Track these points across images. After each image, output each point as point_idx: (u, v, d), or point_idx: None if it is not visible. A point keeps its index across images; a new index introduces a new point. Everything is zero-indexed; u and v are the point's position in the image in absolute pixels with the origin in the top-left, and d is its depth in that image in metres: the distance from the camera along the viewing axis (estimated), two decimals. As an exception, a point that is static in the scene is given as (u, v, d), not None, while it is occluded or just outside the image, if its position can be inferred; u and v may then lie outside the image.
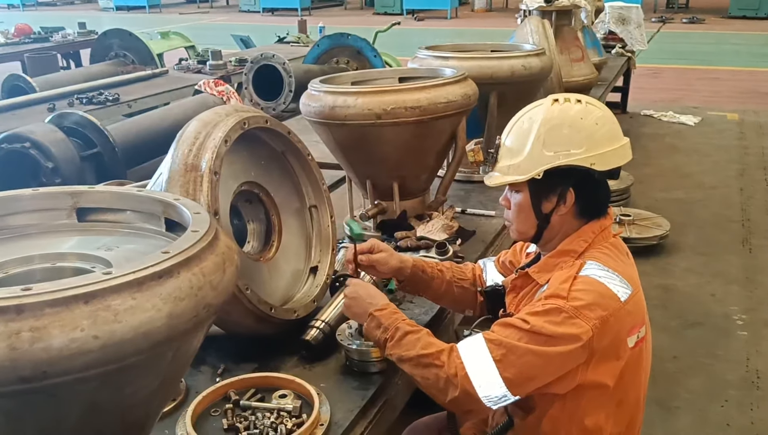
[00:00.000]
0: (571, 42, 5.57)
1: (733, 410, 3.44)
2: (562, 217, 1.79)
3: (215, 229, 1.30)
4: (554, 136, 1.75)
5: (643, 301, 1.78)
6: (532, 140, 1.77)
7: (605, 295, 1.64)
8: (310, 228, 2.42)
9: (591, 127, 1.75)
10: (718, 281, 4.74)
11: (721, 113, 9.19)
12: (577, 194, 1.76)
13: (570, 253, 1.77)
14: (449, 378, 1.66)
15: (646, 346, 1.80)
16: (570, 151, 1.73)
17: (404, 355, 1.74)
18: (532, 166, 1.76)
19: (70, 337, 1.00)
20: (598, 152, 1.73)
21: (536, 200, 1.81)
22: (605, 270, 1.69)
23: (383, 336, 1.79)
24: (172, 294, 1.11)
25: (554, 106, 1.80)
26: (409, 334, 1.76)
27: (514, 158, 1.81)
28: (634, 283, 1.73)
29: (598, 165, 1.72)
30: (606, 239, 1.79)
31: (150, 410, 1.30)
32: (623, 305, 1.64)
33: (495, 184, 1.86)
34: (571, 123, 1.76)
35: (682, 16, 19.69)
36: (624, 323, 1.66)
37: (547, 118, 1.78)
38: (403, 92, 2.68)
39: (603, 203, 1.83)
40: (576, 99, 1.81)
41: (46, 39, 8.59)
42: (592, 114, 1.78)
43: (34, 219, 1.47)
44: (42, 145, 3.51)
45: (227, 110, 2.03)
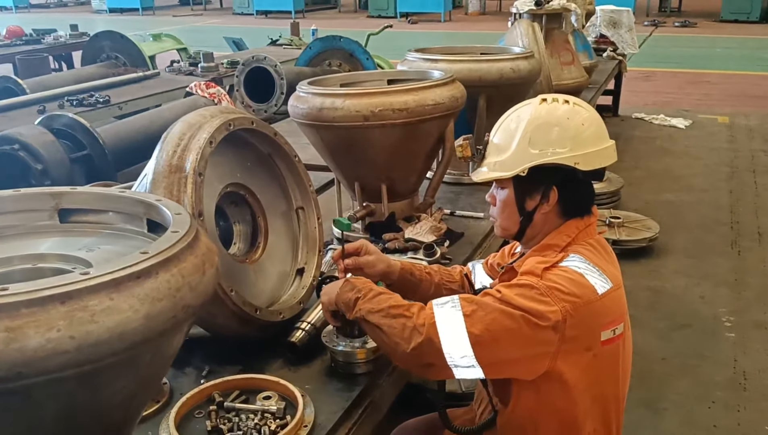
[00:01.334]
0: (562, 45, 5.59)
1: (720, 411, 3.46)
2: (545, 214, 1.81)
3: (196, 230, 1.30)
4: (540, 135, 1.78)
5: (623, 299, 1.77)
6: (518, 138, 1.79)
7: (581, 284, 1.65)
8: (296, 230, 2.42)
9: (577, 127, 1.77)
10: (707, 283, 4.76)
11: (711, 116, 9.23)
12: (561, 193, 1.78)
13: (553, 247, 1.79)
14: (416, 327, 1.66)
15: (625, 344, 1.79)
16: (555, 149, 1.75)
17: (374, 308, 1.74)
18: (517, 163, 1.79)
19: (46, 338, 1.00)
20: (583, 152, 1.75)
21: (520, 197, 1.83)
22: (586, 263, 1.70)
23: (355, 296, 1.79)
24: (150, 295, 1.11)
25: (542, 105, 1.82)
26: (383, 294, 1.78)
27: (501, 155, 1.83)
28: (615, 280, 1.73)
29: (582, 165, 1.74)
30: (590, 236, 1.80)
31: (129, 412, 1.30)
32: (599, 298, 1.65)
33: (480, 179, 1.89)
34: (557, 122, 1.78)
35: (675, 19, 19.77)
36: (598, 316, 1.66)
37: (534, 117, 1.80)
38: (391, 94, 2.68)
39: (586, 202, 1.84)
40: (564, 99, 1.83)
41: (38, 41, 8.57)
42: (579, 115, 1.80)
43: (15, 220, 1.47)
44: (31, 147, 3.50)
45: (212, 111, 2.03)
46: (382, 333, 1.73)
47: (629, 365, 1.88)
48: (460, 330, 1.62)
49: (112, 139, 3.96)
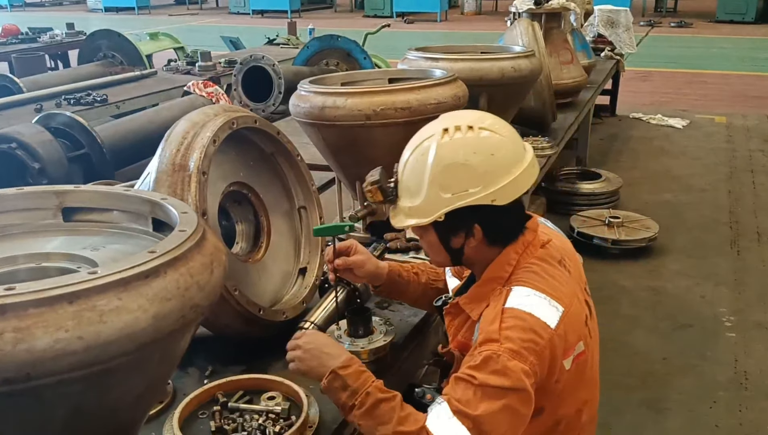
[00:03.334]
0: (561, 45, 5.57)
1: (722, 411, 3.45)
2: (475, 248, 1.74)
3: (203, 229, 1.29)
4: (449, 177, 1.65)
5: (577, 315, 1.68)
6: (427, 182, 1.67)
7: (536, 327, 1.57)
8: (299, 229, 2.41)
9: (486, 161, 1.64)
10: (707, 283, 4.76)
11: (709, 116, 9.23)
12: (485, 228, 1.70)
13: (496, 280, 1.71)
14: None
15: (589, 356, 1.71)
16: (468, 190, 1.64)
17: (380, 431, 1.58)
18: (432, 210, 1.68)
19: (54, 338, 0.99)
20: (498, 187, 1.63)
21: (444, 239, 1.75)
22: (533, 295, 1.62)
23: (349, 401, 1.62)
24: (159, 294, 1.10)
25: (444, 139, 1.67)
26: (383, 403, 1.60)
27: (414, 199, 1.71)
28: (566, 298, 1.65)
29: (500, 199, 1.64)
30: (532, 255, 1.72)
31: (136, 413, 1.29)
32: (555, 332, 1.58)
33: (400, 226, 1.78)
34: (464, 160, 1.64)
35: (670, 20, 19.79)
36: (558, 349, 1.59)
37: (440, 157, 1.66)
38: (393, 93, 2.66)
39: (515, 226, 1.75)
40: (467, 125, 1.67)
41: (34, 39, 8.52)
42: (486, 144, 1.65)
43: (18, 218, 1.45)
44: (29, 146, 3.48)
45: (216, 110, 2.02)
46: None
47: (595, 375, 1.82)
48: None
49: (110, 138, 3.94)
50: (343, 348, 1.79)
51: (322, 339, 1.80)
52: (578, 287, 1.75)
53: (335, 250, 2.02)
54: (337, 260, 2.02)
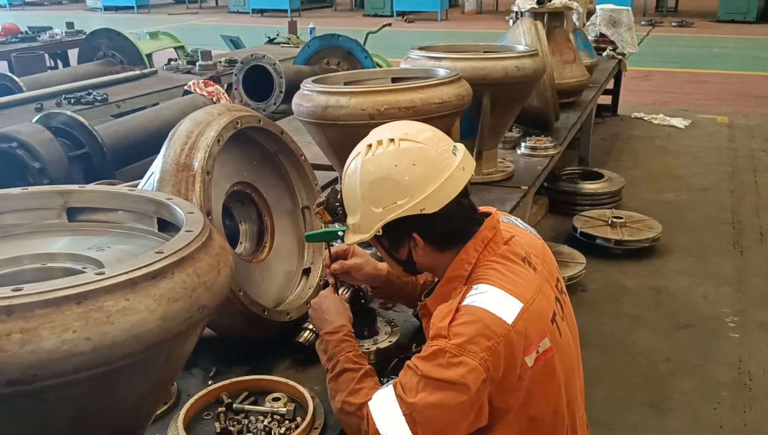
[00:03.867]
0: (563, 44, 5.56)
1: (726, 412, 3.44)
2: (423, 255, 1.74)
3: (209, 230, 1.28)
4: (376, 193, 1.67)
5: (540, 312, 1.65)
6: (359, 200, 1.70)
7: (489, 322, 1.55)
8: (302, 229, 2.39)
9: (409, 172, 1.64)
10: (710, 283, 4.75)
11: (710, 116, 9.22)
12: (424, 236, 1.71)
13: (457, 278, 1.71)
14: (367, 432, 1.61)
15: (559, 355, 1.67)
16: (396, 202, 1.65)
17: (336, 396, 1.70)
18: (369, 226, 1.70)
19: (61, 339, 0.98)
20: (424, 195, 1.64)
21: (389, 251, 1.78)
22: (490, 290, 1.61)
23: (326, 365, 1.78)
24: (166, 295, 1.09)
25: (368, 155, 1.69)
26: (346, 373, 1.71)
27: (354, 217, 1.75)
28: (527, 294, 1.63)
29: (429, 208, 1.64)
30: (494, 252, 1.71)
31: (141, 415, 1.27)
32: (512, 327, 1.56)
33: (348, 243, 1.82)
34: (387, 174, 1.65)
35: (671, 19, 19.78)
36: (516, 345, 1.57)
37: (365, 174, 1.69)
38: (397, 92, 2.65)
39: (460, 230, 1.73)
40: (388, 138, 1.69)
41: (34, 38, 8.50)
42: (407, 155, 1.66)
43: (23, 218, 1.44)
44: (29, 146, 3.46)
45: (220, 109, 2.00)
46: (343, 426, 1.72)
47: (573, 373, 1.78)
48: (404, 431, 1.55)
49: (111, 138, 3.93)
50: (342, 315, 1.89)
51: (328, 302, 1.92)
52: (546, 284, 1.73)
53: (331, 254, 2.03)
54: (333, 265, 2.03)
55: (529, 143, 4.27)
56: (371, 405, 1.62)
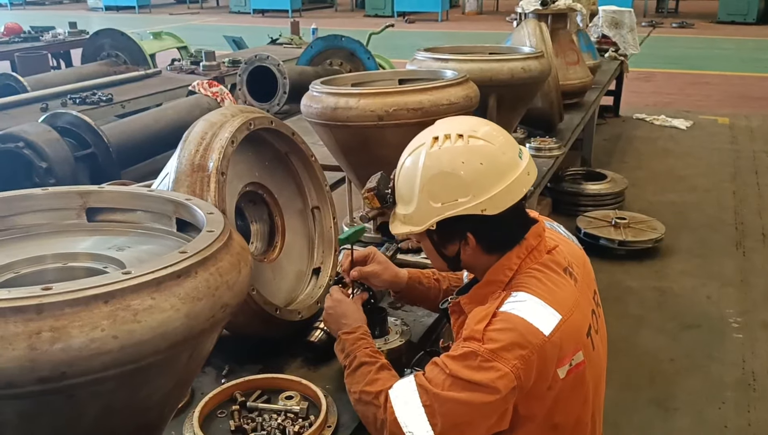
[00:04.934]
0: (567, 45, 5.58)
1: (731, 412, 3.46)
2: (471, 255, 1.72)
3: (230, 230, 1.29)
4: (438, 187, 1.64)
5: (578, 324, 1.64)
6: (417, 192, 1.67)
7: (525, 332, 1.55)
8: (312, 229, 2.41)
9: (475, 170, 1.62)
10: (714, 283, 4.77)
11: (712, 117, 9.25)
12: (477, 236, 1.69)
13: (496, 283, 1.69)
14: (384, 421, 1.61)
15: (590, 368, 1.67)
16: (457, 200, 1.63)
17: (353, 388, 1.71)
18: (423, 219, 1.68)
19: (90, 337, 1.00)
20: (487, 196, 1.61)
21: (438, 247, 1.76)
22: (532, 299, 1.60)
23: (344, 362, 1.79)
24: (190, 294, 1.10)
25: (434, 148, 1.66)
26: (363, 366, 1.73)
27: (407, 207, 1.72)
28: (566, 306, 1.62)
29: (490, 209, 1.62)
30: (536, 260, 1.69)
31: (164, 411, 1.29)
32: (548, 339, 1.55)
33: (395, 232, 1.78)
34: (452, 170, 1.63)
35: (672, 20, 19.81)
36: (550, 357, 1.56)
37: (428, 166, 1.65)
38: (406, 94, 2.67)
39: (513, 235, 1.71)
40: (457, 133, 1.66)
41: (37, 38, 8.52)
42: (475, 153, 1.63)
43: (43, 218, 1.45)
44: (36, 145, 3.48)
45: (233, 111, 2.02)
46: (360, 417, 1.73)
47: (599, 385, 1.79)
48: (423, 425, 1.56)
49: (116, 138, 3.95)
50: (357, 316, 1.89)
51: (344, 307, 1.92)
52: (584, 297, 1.72)
53: (353, 260, 2.02)
54: (352, 272, 2.02)
55: (534, 144, 4.29)
56: (391, 393, 1.62)
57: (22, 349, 0.95)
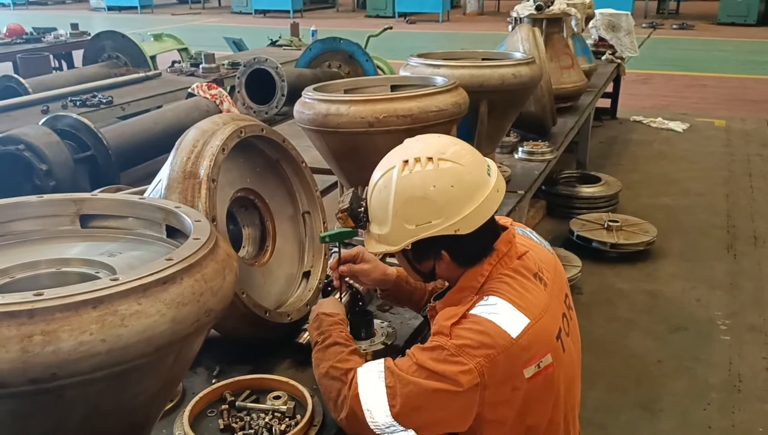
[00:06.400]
0: (561, 49, 5.64)
1: (715, 413, 3.52)
2: (446, 269, 1.78)
3: (215, 237, 1.35)
4: (411, 210, 1.69)
5: (547, 328, 1.69)
6: (391, 215, 1.72)
7: (493, 333, 1.60)
8: (303, 234, 2.47)
9: (446, 193, 1.66)
10: (703, 287, 4.83)
11: (708, 120, 9.30)
12: (451, 253, 1.75)
13: (469, 288, 1.74)
14: (347, 397, 1.67)
15: (560, 371, 1.71)
16: (431, 222, 1.68)
17: (322, 363, 1.77)
18: (398, 240, 1.73)
19: (79, 341, 1.06)
20: (460, 217, 1.67)
21: (413, 264, 1.83)
22: (500, 303, 1.66)
23: (316, 338, 1.85)
24: (176, 300, 1.17)
25: (404, 172, 1.70)
26: (337, 345, 1.79)
27: (382, 228, 1.77)
28: (536, 310, 1.67)
29: (463, 229, 1.67)
30: (507, 266, 1.74)
31: (151, 412, 1.35)
32: (515, 341, 1.60)
33: (371, 251, 1.85)
34: (424, 194, 1.67)
35: (672, 22, 19.85)
36: (516, 358, 1.61)
37: (400, 191, 1.70)
38: (395, 101, 2.72)
39: (484, 247, 1.76)
40: (427, 157, 1.69)
41: (39, 39, 8.59)
42: (445, 175, 1.67)
43: (38, 225, 1.52)
44: (36, 148, 3.53)
45: (224, 119, 2.08)
46: (322, 391, 1.79)
47: (572, 385, 1.83)
48: (382, 403, 1.62)
49: (116, 140, 4.00)
50: (339, 307, 1.98)
51: (328, 301, 2.04)
52: (555, 301, 1.77)
53: (340, 258, 2.08)
54: (342, 267, 2.08)
55: (527, 148, 4.35)
56: (359, 371, 1.69)
57: (15, 351, 1.02)
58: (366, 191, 1.85)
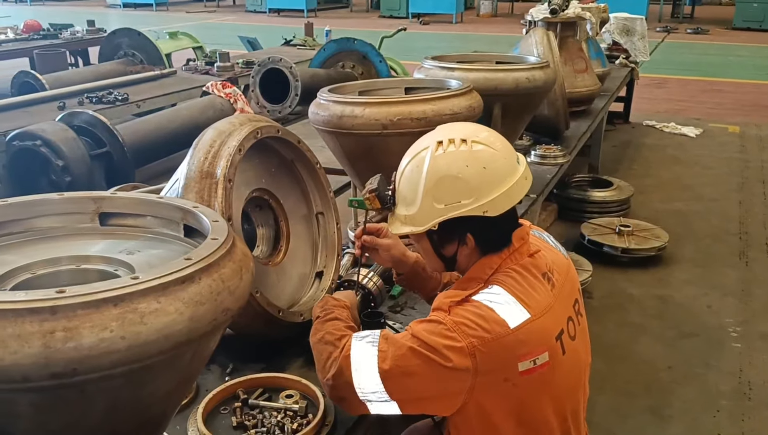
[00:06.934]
0: (575, 53, 5.64)
1: (725, 420, 3.51)
2: (467, 256, 1.80)
3: (233, 238, 1.38)
4: (442, 189, 1.72)
5: (547, 327, 1.70)
6: (421, 193, 1.74)
7: (491, 319, 1.62)
8: (316, 234, 2.50)
9: (478, 174, 1.70)
10: (715, 293, 4.81)
11: (722, 125, 9.25)
12: (476, 237, 1.77)
13: (476, 279, 1.76)
14: (336, 358, 1.69)
15: (559, 372, 1.71)
16: (460, 202, 1.71)
17: (318, 333, 1.81)
18: (425, 219, 1.75)
19: (100, 337, 1.08)
20: (489, 199, 1.70)
21: (437, 247, 1.83)
22: (503, 294, 1.68)
23: (318, 313, 1.89)
24: (194, 298, 1.19)
25: (438, 152, 1.73)
26: (338, 321, 1.83)
27: (409, 208, 1.79)
28: (538, 307, 1.68)
29: (491, 211, 1.70)
30: (517, 262, 1.76)
31: (167, 407, 1.38)
32: (512, 332, 1.62)
33: (396, 233, 1.87)
34: (456, 173, 1.71)
35: (687, 26, 19.75)
36: (512, 349, 1.62)
37: (433, 169, 1.73)
38: (410, 103, 2.74)
39: (506, 235, 1.79)
40: (461, 138, 1.73)
41: (55, 36, 8.65)
42: (479, 158, 1.72)
43: (58, 222, 1.55)
44: (53, 144, 3.58)
45: (241, 120, 2.11)
46: (315, 356, 1.81)
47: (576, 389, 1.84)
48: (372, 364, 1.64)
49: (131, 137, 4.05)
50: (350, 298, 2.02)
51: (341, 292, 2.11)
52: (560, 303, 1.77)
53: (365, 228, 2.11)
54: (365, 236, 2.10)
55: (539, 151, 4.36)
56: (354, 336, 1.73)
57: (37, 346, 1.04)
58: (395, 175, 1.87)
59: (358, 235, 2.13)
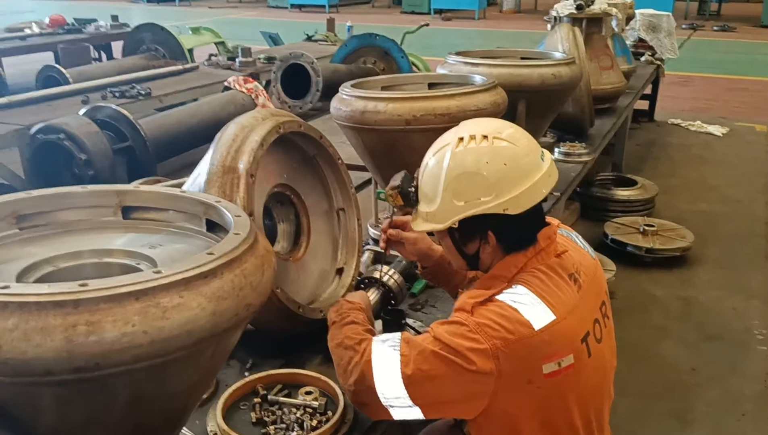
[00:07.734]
0: (601, 50, 5.56)
1: (749, 425, 3.45)
2: (490, 254, 1.77)
3: (255, 233, 1.36)
4: (462, 185, 1.70)
5: (572, 328, 1.67)
6: (441, 190, 1.73)
7: (514, 320, 1.59)
8: (337, 230, 2.48)
9: (499, 171, 1.67)
10: (740, 295, 4.72)
11: (749, 124, 9.09)
12: (498, 235, 1.74)
13: (500, 277, 1.73)
14: (357, 363, 1.67)
15: (584, 374, 1.68)
16: (480, 199, 1.68)
17: (336, 338, 1.79)
18: (446, 217, 1.73)
19: (122, 332, 1.08)
20: (510, 196, 1.67)
21: (458, 245, 1.81)
22: (529, 295, 1.65)
23: (335, 318, 1.87)
24: (216, 294, 1.18)
25: (459, 148, 1.71)
26: (355, 325, 1.81)
27: (430, 205, 1.77)
28: (563, 309, 1.65)
29: (512, 209, 1.67)
30: (543, 261, 1.73)
31: (188, 401, 1.37)
32: (536, 333, 1.59)
33: (417, 230, 1.85)
34: (476, 169, 1.68)
35: (713, 23, 19.45)
36: (536, 350, 1.60)
37: (453, 165, 1.71)
38: (433, 99, 2.71)
39: (530, 234, 1.76)
40: (482, 135, 1.71)
41: (80, 30, 8.74)
42: (499, 154, 1.69)
43: (81, 215, 1.55)
44: (76, 138, 3.61)
45: (264, 114, 2.10)
46: (334, 361, 1.79)
47: (601, 391, 1.81)
48: (394, 369, 1.62)
49: (153, 132, 4.07)
50: (365, 300, 2.01)
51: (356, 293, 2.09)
52: (586, 305, 1.75)
53: (392, 220, 2.11)
54: (390, 230, 2.10)
55: (563, 149, 4.30)
56: (375, 340, 1.71)
57: (60, 340, 1.04)
58: (418, 172, 1.86)
59: (384, 228, 2.12)
